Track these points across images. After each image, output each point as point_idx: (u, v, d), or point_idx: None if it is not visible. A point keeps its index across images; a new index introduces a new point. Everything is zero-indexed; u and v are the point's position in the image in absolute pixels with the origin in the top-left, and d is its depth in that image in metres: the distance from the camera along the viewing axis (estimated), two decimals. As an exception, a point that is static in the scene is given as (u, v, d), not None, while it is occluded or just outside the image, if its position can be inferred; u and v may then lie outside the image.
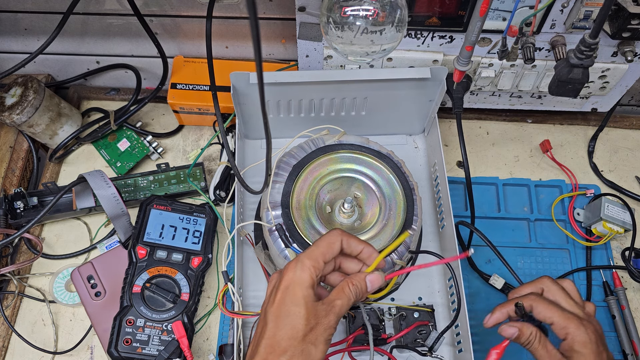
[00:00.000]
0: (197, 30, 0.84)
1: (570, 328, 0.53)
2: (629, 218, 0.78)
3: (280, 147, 0.74)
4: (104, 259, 0.75)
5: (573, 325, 0.53)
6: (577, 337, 0.53)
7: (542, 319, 0.55)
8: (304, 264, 0.51)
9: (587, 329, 0.53)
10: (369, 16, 0.58)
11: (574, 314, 0.55)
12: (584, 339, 0.53)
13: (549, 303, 0.55)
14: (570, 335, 0.53)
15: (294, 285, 0.50)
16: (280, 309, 0.50)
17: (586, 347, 0.53)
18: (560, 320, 0.54)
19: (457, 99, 0.75)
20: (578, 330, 0.53)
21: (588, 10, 0.64)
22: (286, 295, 0.50)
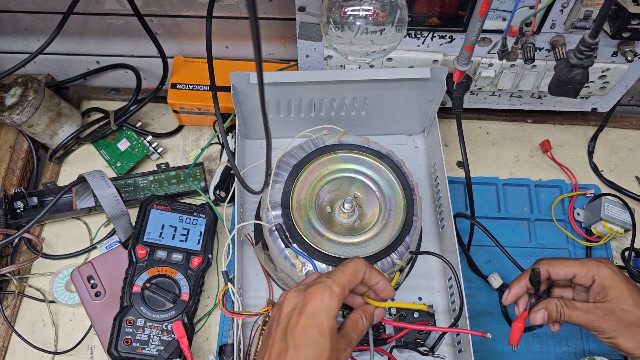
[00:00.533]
0: (197, 30, 0.84)
1: (592, 270, 0.56)
2: (629, 218, 0.78)
3: (280, 147, 0.74)
4: (104, 259, 0.75)
5: (594, 266, 0.56)
6: (603, 273, 0.56)
7: (563, 276, 0.58)
8: (333, 292, 0.49)
9: (608, 264, 0.57)
10: (369, 16, 0.58)
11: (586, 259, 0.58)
12: (609, 273, 0.56)
13: (562, 260, 0.58)
14: (596, 275, 0.56)
15: (321, 313, 0.48)
16: (304, 336, 0.48)
17: (614, 279, 0.56)
18: (580, 269, 0.57)
19: (457, 99, 0.75)
20: (600, 269, 0.56)
21: (588, 10, 0.64)
22: (313, 322, 0.48)
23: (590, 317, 0.56)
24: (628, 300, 0.56)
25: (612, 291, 0.56)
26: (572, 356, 0.73)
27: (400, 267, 0.68)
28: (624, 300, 0.56)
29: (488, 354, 0.72)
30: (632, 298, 0.56)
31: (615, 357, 0.73)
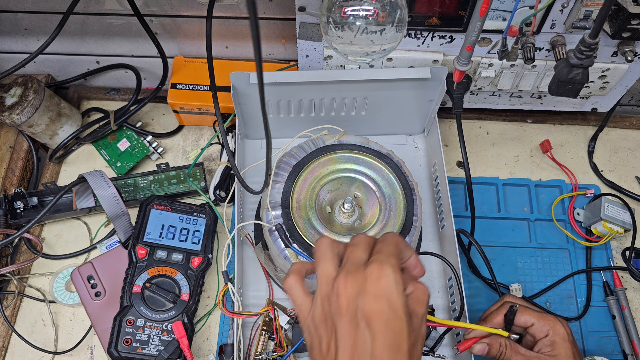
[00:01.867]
0: (197, 30, 0.84)
1: (549, 325, 0.59)
2: (629, 218, 0.78)
3: (280, 147, 0.74)
4: (104, 259, 0.75)
5: (552, 323, 0.59)
6: (559, 331, 0.59)
7: (523, 324, 0.60)
8: (394, 266, 0.44)
9: (564, 324, 0.60)
10: (369, 16, 0.58)
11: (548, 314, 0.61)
12: (563, 333, 0.59)
13: (525, 308, 0.61)
14: (551, 330, 0.59)
15: (393, 292, 0.43)
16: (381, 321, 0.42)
17: (565, 340, 0.58)
18: (539, 321, 0.60)
19: (457, 99, 0.75)
20: (557, 325, 0.59)
21: (588, 10, 0.64)
22: (387, 304, 0.42)
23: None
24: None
25: (559, 349, 0.58)
26: (572, 356, 0.73)
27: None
28: None
29: (488, 354, 0.72)
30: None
31: (615, 358, 0.73)
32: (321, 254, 0.48)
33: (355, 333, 0.42)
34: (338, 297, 0.44)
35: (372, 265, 0.44)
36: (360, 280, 0.44)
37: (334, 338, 0.44)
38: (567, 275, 0.78)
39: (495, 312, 0.63)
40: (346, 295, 0.44)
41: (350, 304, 0.43)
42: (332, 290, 0.45)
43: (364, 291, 0.43)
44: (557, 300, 0.77)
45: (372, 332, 0.42)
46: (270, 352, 0.65)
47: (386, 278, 0.43)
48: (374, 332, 0.42)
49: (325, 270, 0.46)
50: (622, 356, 0.74)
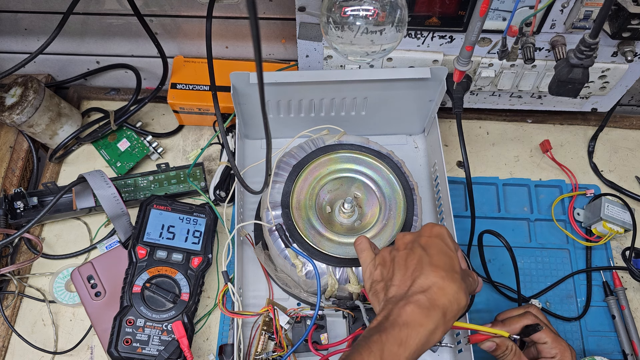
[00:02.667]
0: (197, 30, 0.84)
1: (560, 349, 0.61)
2: (629, 218, 0.78)
3: (280, 147, 0.74)
4: (104, 259, 0.75)
5: (562, 348, 0.61)
6: (565, 358, 0.61)
7: (537, 339, 0.62)
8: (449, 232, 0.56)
9: (572, 354, 0.62)
10: (369, 16, 0.58)
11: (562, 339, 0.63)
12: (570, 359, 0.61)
13: (544, 326, 0.62)
14: (560, 354, 0.61)
15: (444, 236, 0.55)
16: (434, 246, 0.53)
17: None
18: (552, 342, 0.61)
19: (457, 99, 0.75)
20: (566, 353, 0.61)
21: (588, 10, 0.64)
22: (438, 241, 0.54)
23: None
24: None
25: None
26: (572, 356, 0.74)
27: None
28: None
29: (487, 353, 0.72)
30: None
31: (615, 358, 0.73)
32: None
33: (410, 255, 0.53)
34: (397, 243, 0.57)
35: (424, 225, 0.56)
36: (416, 233, 0.56)
37: (389, 267, 0.55)
38: (567, 275, 0.78)
39: (516, 318, 0.63)
40: (403, 241, 0.56)
41: (406, 244, 0.55)
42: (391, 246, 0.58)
43: (420, 235, 0.55)
44: (557, 300, 0.77)
45: (428, 253, 0.53)
46: (270, 352, 0.65)
47: (438, 226, 0.56)
48: (430, 253, 0.53)
49: None
50: (622, 356, 0.74)
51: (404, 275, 0.52)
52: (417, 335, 0.48)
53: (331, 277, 0.65)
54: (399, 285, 0.52)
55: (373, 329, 0.49)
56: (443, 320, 0.49)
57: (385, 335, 0.48)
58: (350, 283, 0.65)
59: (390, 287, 0.53)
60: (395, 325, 0.48)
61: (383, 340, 0.47)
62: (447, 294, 0.50)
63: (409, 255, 0.53)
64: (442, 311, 0.49)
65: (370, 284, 0.56)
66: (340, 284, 0.65)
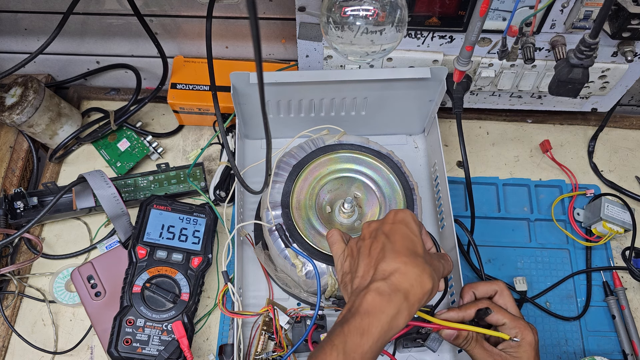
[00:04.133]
0: (197, 30, 0.84)
1: (519, 328, 0.59)
2: (628, 218, 0.78)
3: (280, 147, 0.74)
4: (104, 259, 0.75)
5: (522, 326, 0.59)
6: (527, 337, 0.59)
7: (495, 322, 0.61)
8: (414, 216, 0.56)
9: (533, 332, 0.60)
10: (369, 16, 0.58)
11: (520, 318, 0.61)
12: (531, 339, 0.59)
13: (500, 308, 0.61)
14: (519, 334, 0.59)
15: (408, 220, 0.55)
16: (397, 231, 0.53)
17: (531, 347, 0.59)
18: (511, 322, 0.60)
19: (457, 99, 0.75)
20: (526, 331, 0.59)
21: (588, 10, 0.64)
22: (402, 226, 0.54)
23: (489, 358, 0.59)
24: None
25: (522, 354, 0.59)
26: (572, 356, 0.73)
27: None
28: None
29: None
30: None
31: (615, 358, 0.73)
32: None
33: (373, 243, 0.53)
34: (362, 235, 0.57)
35: (390, 211, 0.56)
36: (381, 220, 0.56)
37: (355, 259, 0.55)
38: (567, 275, 0.78)
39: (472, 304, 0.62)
40: (369, 230, 0.56)
41: (371, 233, 0.55)
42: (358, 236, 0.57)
43: (383, 222, 0.55)
44: (557, 300, 0.77)
45: (390, 239, 0.52)
46: (270, 352, 0.65)
47: (402, 212, 0.55)
48: (392, 239, 0.52)
49: None
50: (622, 356, 0.74)
51: (367, 265, 0.52)
52: (378, 322, 0.47)
53: (331, 277, 0.65)
54: (362, 275, 0.52)
55: (337, 323, 0.49)
56: (406, 304, 0.48)
57: (347, 327, 0.47)
58: (350, 283, 0.65)
59: (354, 279, 0.53)
60: (357, 315, 0.48)
61: (345, 332, 0.47)
62: (409, 278, 0.49)
63: (373, 244, 0.53)
64: (403, 295, 0.48)
65: (341, 277, 0.56)
66: (340, 284, 0.65)
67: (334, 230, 0.61)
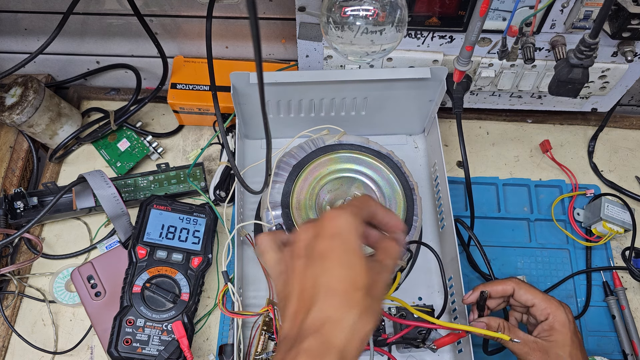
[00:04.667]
0: (197, 30, 0.84)
1: (551, 309, 0.57)
2: (628, 218, 0.78)
3: (280, 147, 0.74)
4: (104, 259, 0.75)
5: (554, 306, 0.57)
6: (558, 317, 0.57)
7: (524, 301, 0.59)
8: (352, 212, 0.44)
9: (566, 311, 0.58)
10: (369, 16, 0.58)
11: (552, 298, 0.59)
12: (563, 319, 0.57)
13: (529, 287, 0.59)
14: (551, 315, 0.57)
15: (345, 232, 0.43)
16: (333, 257, 0.42)
17: (565, 327, 0.57)
18: (541, 302, 0.58)
19: (457, 99, 0.75)
20: (558, 311, 0.57)
21: (588, 10, 0.64)
22: (339, 242, 0.43)
23: (524, 348, 0.57)
24: (566, 349, 0.57)
25: (557, 335, 0.57)
26: (572, 356, 0.73)
27: (401, 267, 0.68)
28: (563, 347, 0.57)
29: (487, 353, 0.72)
30: (571, 349, 0.57)
31: (615, 358, 0.73)
32: None
33: (307, 269, 0.43)
34: (294, 243, 0.45)
35: (328, 212, 0.45)
36: (317, 226, 0.44)
37: (288, 279, 0.45)
38: (567, 275, 0.78)
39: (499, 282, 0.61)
40: (303, 239, 0.45)
41: (306, 247, 0.44)
42: (294, 237, 0.46)
43: (319, 233, 0.44)
44: (557, 300, 0.77)
45: (325, 267, 0.42)
46: (270, 352, 0.65)
47: (340, 218, 0.44)
48: (327, 267, 0.42)
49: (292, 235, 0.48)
50: (622, 356, 0.74)
51: (298, 303, 0.43)
52: None
53: (331, 277, 0.65)
54: (292, 319, 0.43)
55: None
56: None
57: None
58: (350, 283, 0.65)
59: (284, 319, 0.44)
60: None
61: None
62: (344, 328, 0.40)
63: (307, 269, 0.43)
64: (339, 353, 0.40)
65: (277, 295, 0.47)
66: (340, 284, 0.65)
67: (263, 237, 0.49)
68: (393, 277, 0.67)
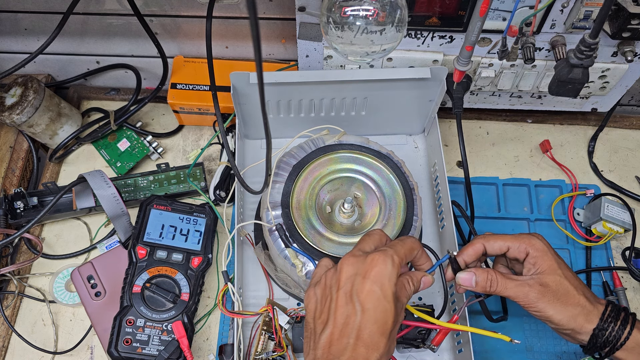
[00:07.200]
0: (197, 30, 0.84)
1: (525, 242, 0.57)
2: (628, 218, 0.78)
3: (280, 147, 0.74)
4: (104, 259, 0.75)
5: (526, 239, 0.57)
6: (535, 245, 0.57)
7: (498, 250, 0.59)
8: (394, 261, 0.50)
9: (539, 237, 0.58)
10: (369, 16, 0.58)
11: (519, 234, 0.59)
12: (541, 245, 0.57)
13: (497, 235, 0.59)
14: (528, 247, 0.57)
15: (385, 279, 0.49)
16: (371, 300, 0.49)
17: (545, 252, 0.57)
18: (513, 242, 0.58)
19: (457, 99, 0.75)
20: (532, 241, 0.57)
21: (588, 10, 0.64)
22: (378, 287, 0.49)
23: (525, 289, 0.56)
24: (558, 271, 0.56)
25: (542, 263, 0.56)
26: (572, 356, 0.73)
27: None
28: (555, 271, 0.56)
29: (488, 353, 0.72)
30: (562, 270, 0.56)
31: (615, 357, 0.73)
32: None
33: (347, 307, 0.49)
34: (339, 272, 0.51)
35: (374, 254, 0.51)
36: (361, 264, 0.51)
37: (327, 306, 0.51)
38: (567, 275, 0.78)
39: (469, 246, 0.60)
40: (346, 272, 0.51)
41: (347, 281, 0.50)
42: (336, 268, 0.52)
43: (361, 273, 0.50)
44: (557, 300, 0.77)
45: (363, 309, 0.48)
46: (270, 352, 0.65)
47: (383, 266, 0.50)
48: (365, 310, 0.48)
49: None
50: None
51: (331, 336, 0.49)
52: None
53: (331, 277, 0.65)
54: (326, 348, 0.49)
55: None
56: None
57: None
58: (350, 283, 0.65)
59: (317, 341, 0.50)
60: None
61: None
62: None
63: (347, 306, 0.49)
64: None
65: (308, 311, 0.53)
66: (340, 284, 0.65)
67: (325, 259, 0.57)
68: None
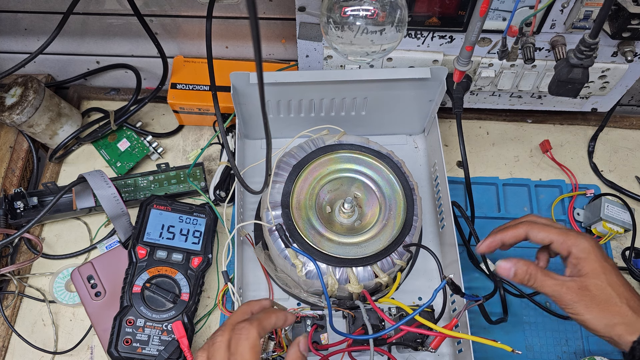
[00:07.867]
0: (197, 30, 0.84)
1: (570, 241, 0.54)
2: (628, 218, 0.78)
3: (280, 147, 0.74)
4: (104, 259, 0.75)
5: (572, 237, 0.54)
6: (580, 245, 0.53)
7: (540, 241, 0.56)
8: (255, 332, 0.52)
9: (587, 238, 0.54)
10: (369, 16, 0.58)
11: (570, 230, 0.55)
12: (586, 246, 0.53)
13: (543, 225, 0.56)
14: (573, 246, 0.54)
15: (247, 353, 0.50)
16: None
17: (591, 254, 0.53)
18: (558, 237, 0.54)
19: (457, 99, 0.75)
20: (578, 240, 0.54)
21: (588, 10, 0.64)
22: None
23: (563, 289, 0.53)
24: (601, 277, 0.53)
25: (586, 265, 0.53)
26: (572, 356, 0.73)
27: (401, 267, 0.68)
28: (598, 276, 0.53)
29: (488, 353, 0.72)
30: (606, 275, 0.53)
31: (615, 358, 0.73)
32: None
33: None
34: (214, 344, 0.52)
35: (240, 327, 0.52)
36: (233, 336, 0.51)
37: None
38: (567, 275, 0.78)
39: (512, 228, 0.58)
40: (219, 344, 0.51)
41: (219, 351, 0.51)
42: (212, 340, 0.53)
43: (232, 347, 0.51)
44: (557, 300, 0.77)
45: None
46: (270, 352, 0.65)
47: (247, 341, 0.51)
48: None
49: None
50: (621, 356, 0.74)
51: None
52: None
53: (331, 277, 0.65)
54: None
55: None
56: None
57: None
58: (350, 283, 0.65)
59: None
60: None
61: None
62: None
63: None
64: None
65: None
66: (340, 284, 0.65)
67: None
68: (393, 278, 0.68)
